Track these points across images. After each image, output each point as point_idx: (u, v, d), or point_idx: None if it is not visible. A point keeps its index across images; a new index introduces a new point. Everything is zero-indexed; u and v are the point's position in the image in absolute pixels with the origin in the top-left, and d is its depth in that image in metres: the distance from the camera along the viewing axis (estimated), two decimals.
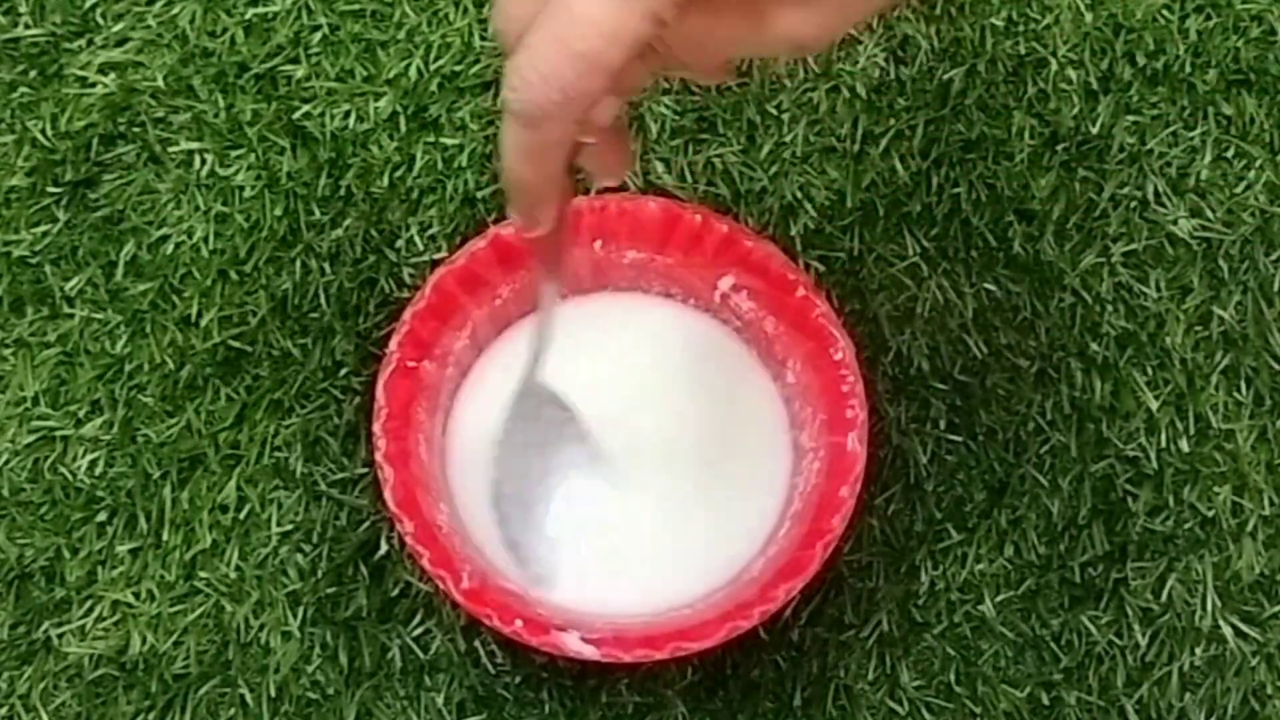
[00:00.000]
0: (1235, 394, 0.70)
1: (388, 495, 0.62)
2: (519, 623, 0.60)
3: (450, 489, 0.65)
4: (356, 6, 0.74)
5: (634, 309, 0.68)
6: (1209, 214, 0.72)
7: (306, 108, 0.72)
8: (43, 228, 0.71)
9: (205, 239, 0.71)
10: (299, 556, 0.67)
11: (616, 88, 0.47)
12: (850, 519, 0.62)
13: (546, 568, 0.64)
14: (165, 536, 0.67)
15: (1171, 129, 0.73)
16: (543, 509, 0.65)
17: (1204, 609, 0.67)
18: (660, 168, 0.71)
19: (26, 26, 0.73)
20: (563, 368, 0.66)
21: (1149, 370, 0.70)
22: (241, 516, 0.67)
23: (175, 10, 0.73)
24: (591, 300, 0.68)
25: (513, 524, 0.65)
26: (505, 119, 0.47)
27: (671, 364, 0.67)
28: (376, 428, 0.63)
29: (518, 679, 0.66)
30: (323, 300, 0.70)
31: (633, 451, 0.66)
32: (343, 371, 0.69)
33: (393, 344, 0.64)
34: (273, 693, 0.65)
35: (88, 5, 0.73)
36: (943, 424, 0.69)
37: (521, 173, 0.49)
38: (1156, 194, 0.72)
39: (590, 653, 0.60)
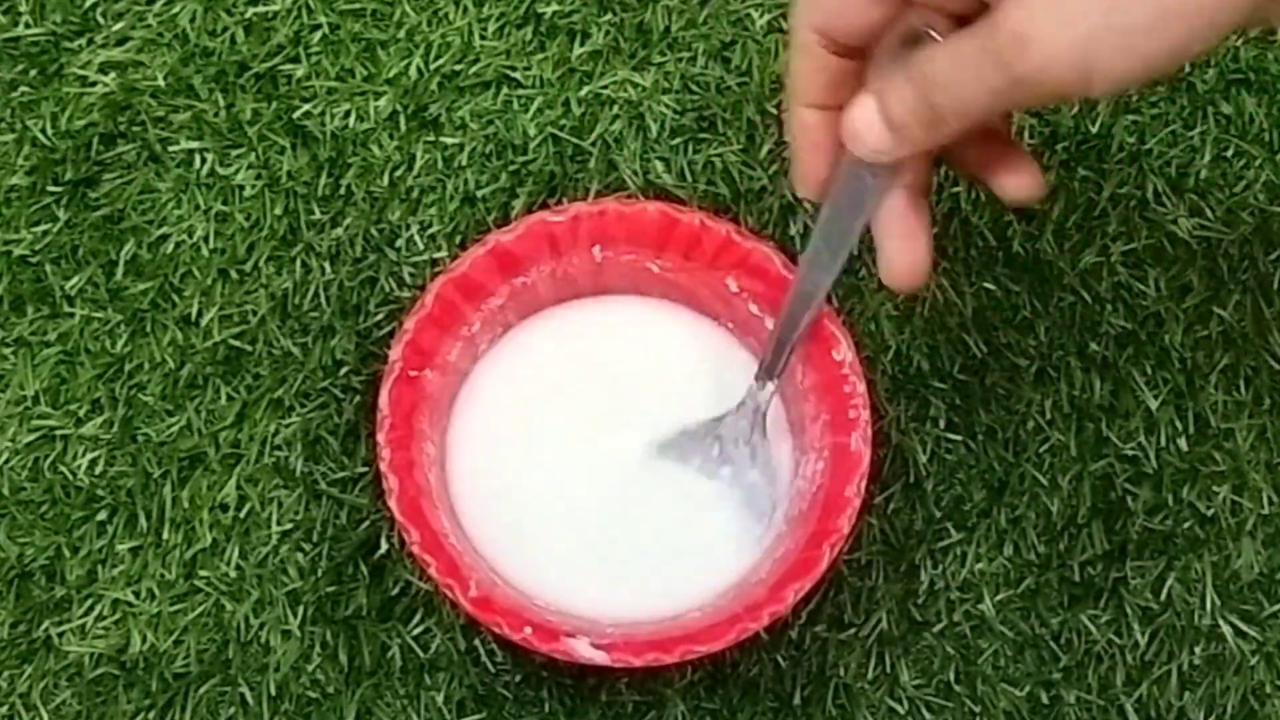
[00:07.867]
0: (1234, 393, 0.70)
1: (393, 505, 0.61)
2: (528, 630, 0.60)
3: (451, 496, 0.65)
4: (356, 6, 0.74)
5: (632, 313, 0.68)
6: (1208, 213, 0.72)
7: (306, 107, 0.72)
8: (43, 227, 0.71)
9: (205, 238, 0.71)
10: (299, 555, 0.67)
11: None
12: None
13: None
14: (165, 535, 0.67)
15: (1171, 128, 0.73)
16: None
17: (1203, 608, 0.67)
18: (660, 167, 0.71)
19: (27, 25, 0.73)
20: (561, 374, 0.67)
21: (1148, 369, 0.70)
22: (242, 515, 0.67)
23: (175, 9, 0.73)
24: (588, 305, 0.68)
25: None
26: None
27: (671, 367, 0.67)
28: (380, 438, 0.63)
29: (518, 678, 0.66)
30: (323, 299, 0.70)
31: (633, 454, 0.66)
32: (343, 370, 0.69)
33: (394, 352, 0.64)
34: (273, 691, 0.65)
35: (88, 4, 0.73)
36: (942, 423, 0.69)
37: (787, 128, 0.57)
38: (1156, 193, 0.72)
39: (601, 658, 0.60)
